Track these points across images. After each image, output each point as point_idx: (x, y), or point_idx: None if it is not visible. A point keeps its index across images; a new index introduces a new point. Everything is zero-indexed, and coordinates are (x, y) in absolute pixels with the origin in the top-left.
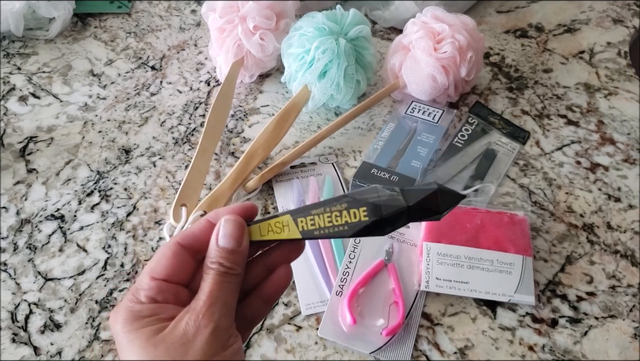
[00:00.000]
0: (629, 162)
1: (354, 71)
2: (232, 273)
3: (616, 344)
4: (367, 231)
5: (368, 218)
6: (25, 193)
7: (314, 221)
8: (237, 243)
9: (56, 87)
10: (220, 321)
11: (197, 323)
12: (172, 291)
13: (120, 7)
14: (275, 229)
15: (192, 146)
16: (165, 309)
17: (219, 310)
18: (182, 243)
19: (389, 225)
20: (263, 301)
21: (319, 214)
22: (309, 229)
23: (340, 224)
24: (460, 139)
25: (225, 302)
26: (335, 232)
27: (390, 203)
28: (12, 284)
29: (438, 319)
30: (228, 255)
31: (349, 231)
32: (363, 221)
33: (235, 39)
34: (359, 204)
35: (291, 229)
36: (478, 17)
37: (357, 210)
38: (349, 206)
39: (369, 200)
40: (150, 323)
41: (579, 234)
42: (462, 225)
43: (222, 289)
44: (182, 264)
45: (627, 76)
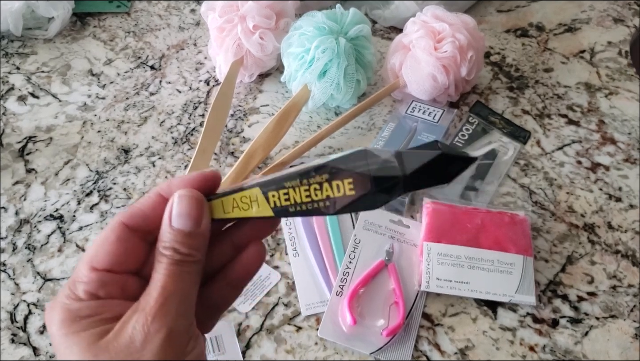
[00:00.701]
0: (629, 162)
1: (354, 70)
2: (190, 260)
3: (617, 344)
4: (354, 207)
5: (355, 192)
6: (24, 193)
7: (289, 195)
8: (195, 224)
9: (55, 86)
10: (176, 323)
11: (147, 328)
12: (117, 284)
13: (120, 7)
14: (241, 205)
15: (191, 145)
16: (109, 306)
17: (174, 309)
18: (128, 223)
19: (381, 199)
20: (230, 286)
21: (294, 187)
22: (282, 205)
23: (320, 199)
24: (461, 138)
25: (182, 298)
26: (314, 208)
27: (383, 173)
28: (11, 285)
29: (438, 319)
30: (184, 239)
31: (333, 208)
32: (349, 196)
33: (235, 39)
34: (343, 175)
35: (261, 205)
36: (478, 16)
37: (342, 182)
38: (332, 178)
39: (357, 170)
40: (91, 326)
41: (579, 234)
42: (462, 225)
43: (178, 282)
44: (129, 249)
45: (627, 75)
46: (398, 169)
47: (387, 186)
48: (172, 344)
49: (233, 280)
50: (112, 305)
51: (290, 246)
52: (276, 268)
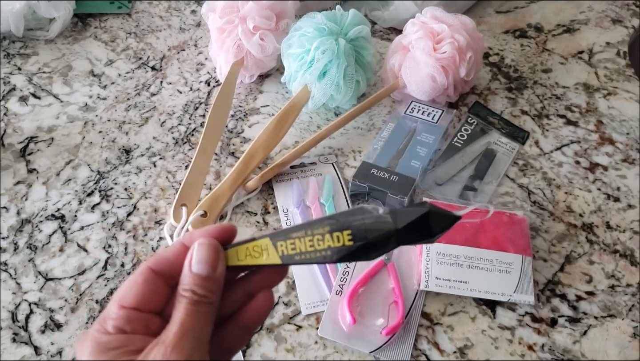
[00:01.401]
0: (628, 162)
1: (354, 71)
2: (206, 301)
3: (615, 343)
4: (352, 256)
5: (353, 242)
6: (25, 193)
7: (295, 245)
8: (211, 269)
9: (56, 87)
10: (191, 355)
11: (166, 357)
12: (142, 321)
13: (121, 8)
14: (253, 254)
15: (192, 146)
16: (134, 340)
17: (190, 343)
18: (154, 268)
19: (376, 249)
20: (242, 329)
21: (300, 237)
22: (289, 254)
23: (322, 248)
24: (460, 139)
25: (198, 334)
26: (317, 257)
27: (377, 226)
28: (12, 284)
29: (438, 318)
30: (202, 282)
31: (333, 256)
32: (347, 246)
33: (235, 40)
34: (342, 227)
35: (270, 253)
36: (477, 17)
37: (341, 234)
38: (332, 230)
39: (354, 223)
40: (118, 356)
41: (578, 234)
42: (461, 225)
43: (195, 320)
44: (153, 291)
45: (626, 76)
46: (391, 224)
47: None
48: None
49: (244, 324)
50: (137, 340)
51: None
52: None
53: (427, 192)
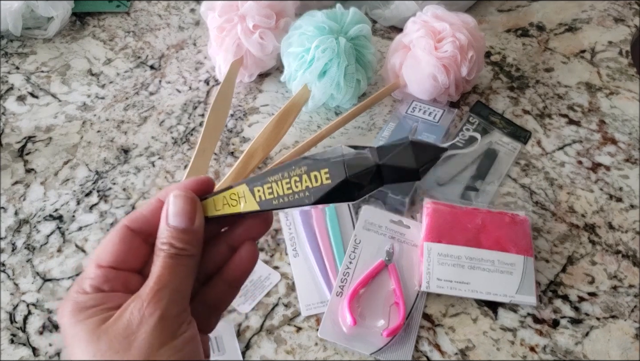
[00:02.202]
0: (630, 162)
1: (354, 70)
2: (185, 254)
3: (618, 345)
4: (331, 197)
5: (331, 180)
6: (23, 193)
7: (272, 188)
8: (189, 221)
9: (55, 86)
10: (169, 308)
11: (142, 312)
12: (120, 279)
13: (119, 6)
14: (230, 202)
15: (191, 145)
16: (112, 298)
17: (167, 296)
18: (130, 226)
19: (357, 188)
20: (228, 285)
21: (277, 180)
22: (267, 198)
23: (300, 190)
24: (462, 138)
25: (176, 287)
26: (295, 199)
27: (356, 162)
28: (10, 285)
29: (439, 320)
30: (179, 235)
31: (311, 197)
32: (326, 185)
33: (235, 38)
34: (319, 165)
35: (248, 200)
36: (479, 16)
37: (319, 172)
38: (309, 169)
39: (332, 160)
40: (95, 314)
41: (580, 235)
42: (462, 225)
43: (172, 273)
44: (131, 249)
45: (628, 75)
46: (370, 159)
47: (360, 173)
48: (164, 326)
49: (230, 280)
50: (115, 297)
51: (290, 246)
52: (276, 268)
53: (428, 192)
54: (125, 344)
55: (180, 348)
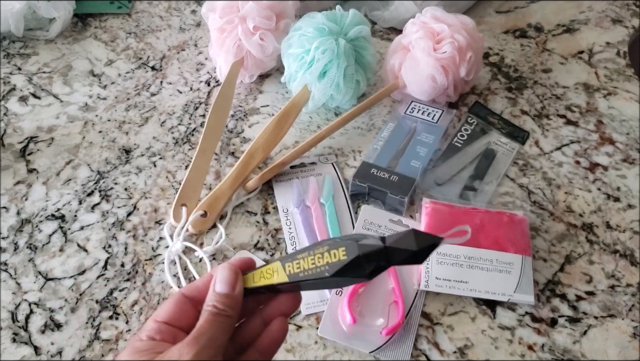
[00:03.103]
0: (628, 162)
1: (354, 71)
2: (224, 314)
3: (615, 343)
4: (346, 271)
5: (347, 257)
6: (25, 193)
7: (300, 264)
8: (231, 288)
9: (56, 87)
10: (202, 351)
11: (181, 351)
12: (170, 333)
13: (121, 8)
14: (266, 275)
15: (192, 146)
16: (161, 345)
17: (203, 342)
18: (185, 293)
19: (368, 264)
20: (260, 354)
21: (304, 257)
22: (295, 272)
23: (322, 265)
24: (460, 139)
25: (211, 336)
26: (317, 272)
27: (368, 242)
28: (12, 284)
29: (438, 318)
30: (222, 298)
31: (330, 270)
32: (342, 260)
33: (235, 39)
34: (338, 245)
35: (280, 274)
36: (477, 17)
37: (337, 250)
38: (330, 248)
39: (348, 241)
40: (145, 356)
41: (578, 234)
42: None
43: (211, 326)
44: (183, 311)
45: (626, 76)
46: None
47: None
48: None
49: (261, 349)
50: (164, 345)
51: (290, 245)
52: None
53: (427, 192)
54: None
55: None
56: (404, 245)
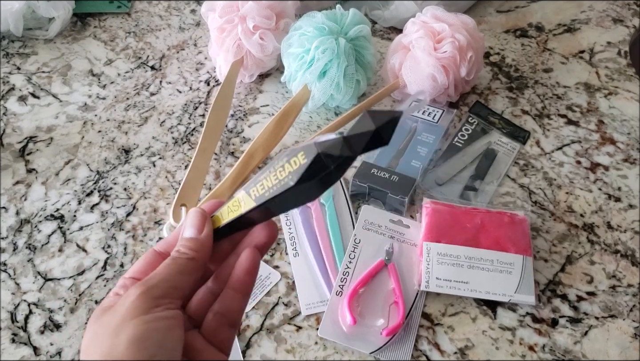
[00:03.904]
0: (629, 162)
1: (354, 70)
2: (184, 256)
3: (616, 344)
4: (311, 173)
5: (307, 159)
6: (24, 193)
7: (263, 184)
8: (196, 231)
9: (56, 87)
10: (151, 290)
11: (128, 293)
12: None
13: (120, 7)
14: (233, 209)
15: (191, 145)
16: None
17: (154, 282)
18: (156, 249)
19: (331, 159)
20: (234, 290)
21: (266, 177)
22: (261, 193)
23: (284, 177)
24: (460, 138)
25: (164, 277)
26: (281, 186)
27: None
28: (11, 285)
29: (438, 319)
30: (187, 242)
31: (294, 178)
32: (303, 164)
33: (235, 39)
34: (296, 151)
35: (246, 201)
36: (478, 16)
37: (296, 157)
38: (289, 158)
39: (305, 145)
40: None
41: (579, 234)
42: (462, 225)
43: (167, 268)
44: (152, 265)
45: (627, 75)
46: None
47: (329, 145)
48: (142, 301)
49: (234, 285)
50: None
51: (290, 246)
52: (276, 267)
53: (428, 192)
54: (111, 318)
55: (148, 320)
56: (362, 129)
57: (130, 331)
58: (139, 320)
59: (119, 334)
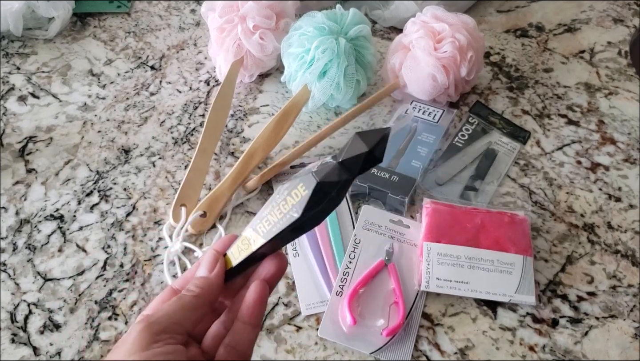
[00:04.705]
0: (629, 162)
1: (354, 70)
2: (190, 293)
3: (617, 344)
4: (313, 203)
5: (307, 190)
6: (24, 193)
7: (269, 220)
8: (207, 271)
9: (55, 87)
10: (152, 325)
11: (133, 327)
12: None
13: (120, 7)
14: (243, 247)
15: (191, 145)
16: None
17: (156, 318)
18: (174, 286)
19: (331, 187)
20: (243, 322)
21: (270, 212)
22: (268, 230)
23: (288, 210)
24: (461, 138)
25: (167, 313)
26: (287, 219)
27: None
28: (11, 285)
29: (438, 319)
30: (196, 281)
31: (298, 210)
32: (304, 196)
33: (235, 39)
34: (295, 184)
35: (255, 239)
36: (478, 16)
37: (296, 189)
38: (289, 191)
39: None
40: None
41: (579, 234)
42: (462, 225)
43: (171, 305)
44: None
45: (627, 75)
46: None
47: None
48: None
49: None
50: None
51: (290, 246)
52: None
53: (428, 192)
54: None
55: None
56: (356, 151)
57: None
58: (138, 356)
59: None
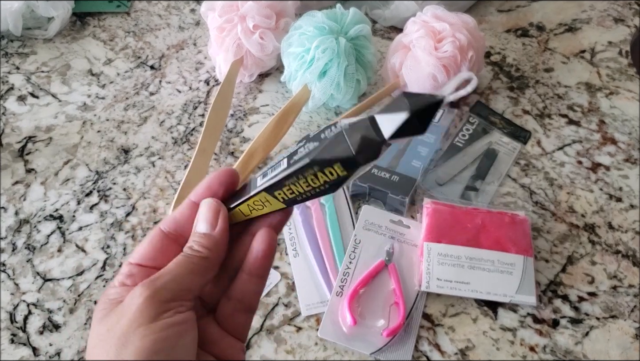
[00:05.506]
0: (630, 162)
1: (354, 70)
2: (198, 255)
3: (617, 344)
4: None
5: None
6: (23, 193)
7: (292, 189)
8: (210, 227)
9: (55, 86)
10: (159, 292)
11: (133, 293)
12: (144, 275)
13: (119, 7)
14: (256, 207)
15: (191, 145)
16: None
17: (162, 283)
18: (162, 228)
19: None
20: (249, 275)
21: (294, 182)
22: (290, 197)
23: (319, 185)
24: (461, 138)
25: (175, 278)
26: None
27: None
28: (10, 285)
29: (439, 319)
30: (200, 239)
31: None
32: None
33: (235, 38)
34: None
35: (272, 202)
36: (479, 16)
37: (332, 168)
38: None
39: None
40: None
41: (580, 235)
42: (462, 225)
43: (178, 266)
44: (158, 248)
45: (628, 75)
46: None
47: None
48: (148, 306)
49: (249, 268)
50: None
51: (290, 246)
52: (276, 268)
53: (428, 192)
54: (117, 321)
55: (156, 330)
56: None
57: (139, 343)
58: (147, 329)
59: (126, 344)
